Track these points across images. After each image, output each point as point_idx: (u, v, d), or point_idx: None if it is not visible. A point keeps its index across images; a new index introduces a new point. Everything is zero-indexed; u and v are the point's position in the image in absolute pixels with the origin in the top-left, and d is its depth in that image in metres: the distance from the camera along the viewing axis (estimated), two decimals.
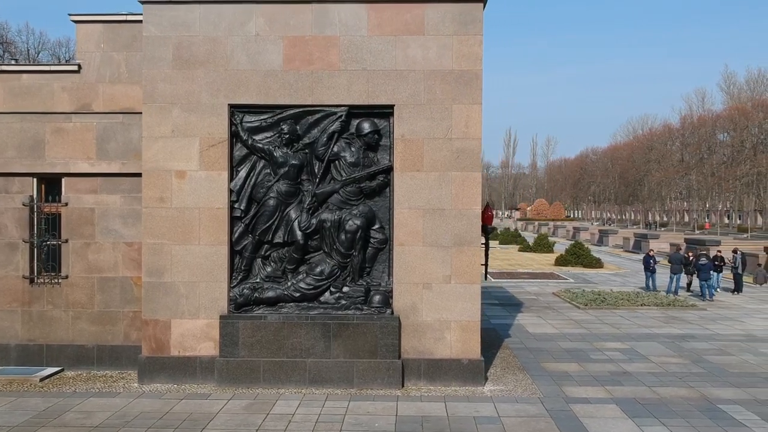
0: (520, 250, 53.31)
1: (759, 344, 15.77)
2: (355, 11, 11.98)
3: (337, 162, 12.07)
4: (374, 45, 11.99)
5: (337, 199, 12.07)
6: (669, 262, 24.84)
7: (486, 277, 13.37)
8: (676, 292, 24.24)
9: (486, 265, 13.18)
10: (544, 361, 13.94)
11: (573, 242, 45.80)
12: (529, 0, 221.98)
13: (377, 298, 12.02)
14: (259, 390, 11.68)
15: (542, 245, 51.57)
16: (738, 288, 25.51)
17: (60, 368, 12.94)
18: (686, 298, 23.20)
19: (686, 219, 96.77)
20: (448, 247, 12.01)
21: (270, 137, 12.10)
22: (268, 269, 12.18)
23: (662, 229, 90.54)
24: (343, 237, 11.92)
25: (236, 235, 12.15)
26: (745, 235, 71.55)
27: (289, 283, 12.03)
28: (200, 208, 12.07)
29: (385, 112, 12.10)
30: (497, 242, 66.91)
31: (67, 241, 13.11)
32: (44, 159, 13.03)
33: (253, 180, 12.11)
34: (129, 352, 12.98)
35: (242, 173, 12.11)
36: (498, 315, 19.90)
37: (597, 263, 38.26)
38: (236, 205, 12.07)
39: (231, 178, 12.09)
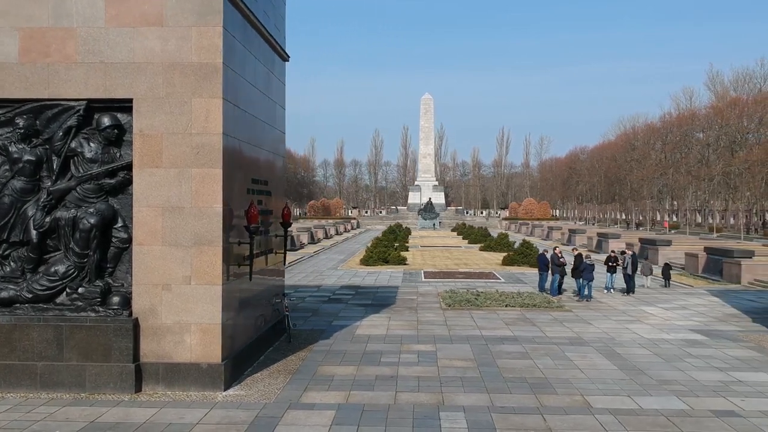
0: (481, 249, 52.90)
1: (574, 348, 15.19)
2: (92, 2, 11.55)
3: (75, 158, 11.66)
4: (112, 37, 11.56)
5: (74, 196, 11.64)
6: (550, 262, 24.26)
7: (251, 278, 12.88)
8: (554, 293, 23.65)
9: (251, 266, 12.68)
10: (326, 365, 13.45)
11: (522, 241, 45.30)
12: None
13: (116, 299, 11.59)
14: None
15: (502, 244, 51.19)
16: (629, 289, 24.91)
17: None
18: (560, 300, 22.62)
19: (666, 218, 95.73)
20: (188, 247, 11.56)
21: (8, 132, 11.69)
22: (7, 269, 11.76)
23: (640, 228, 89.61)
24: (77, 236, 11.48)
25: None
26: (714, 235, 70.70)
27: (24, 284, 11.61)
28: None
29: (126, 106, 11.67)
30: (466, 241, 66.19)
31: None
32: None
33: None
34: None
35: None
36: (349, 317, 19.41)
37: None
38: None
39: None
